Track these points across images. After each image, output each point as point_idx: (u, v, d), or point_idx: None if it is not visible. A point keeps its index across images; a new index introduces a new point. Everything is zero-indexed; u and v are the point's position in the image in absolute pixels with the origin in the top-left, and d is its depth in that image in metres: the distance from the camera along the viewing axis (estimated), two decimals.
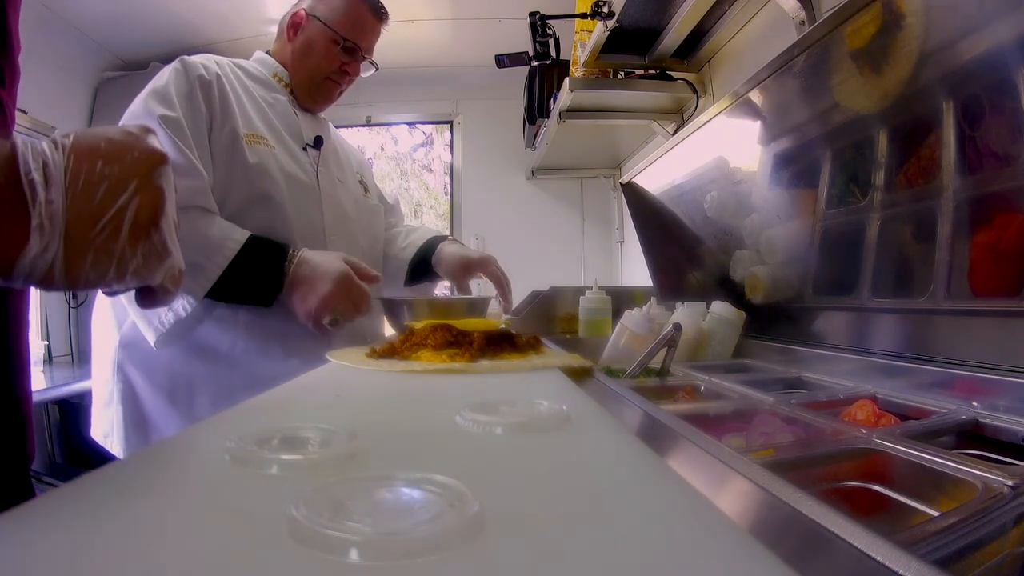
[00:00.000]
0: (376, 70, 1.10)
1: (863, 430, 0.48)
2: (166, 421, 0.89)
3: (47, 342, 2.32)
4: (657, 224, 1.44)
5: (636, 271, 2.17)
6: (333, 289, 0.83)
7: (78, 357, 2.46)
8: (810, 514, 0.25)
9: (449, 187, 2.92)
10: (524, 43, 1.61)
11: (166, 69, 0.91)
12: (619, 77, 1.55)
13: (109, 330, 0.92)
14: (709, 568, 0.18)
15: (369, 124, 2.88)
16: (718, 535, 0.21)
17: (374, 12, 1.05)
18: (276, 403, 0.48)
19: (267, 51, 1.08)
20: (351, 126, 2.87)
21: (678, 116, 1.64)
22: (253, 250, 0.85)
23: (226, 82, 0.94)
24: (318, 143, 1.04)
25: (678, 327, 0.78)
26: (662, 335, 0.78)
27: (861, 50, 0.67)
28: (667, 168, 1.29)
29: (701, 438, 0.38)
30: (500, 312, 1.11)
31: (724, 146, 1.07)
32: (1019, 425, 0.50)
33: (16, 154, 0.31)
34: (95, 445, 0.95)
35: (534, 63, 1.69)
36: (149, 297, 0.39)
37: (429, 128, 3.42)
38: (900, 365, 0.69)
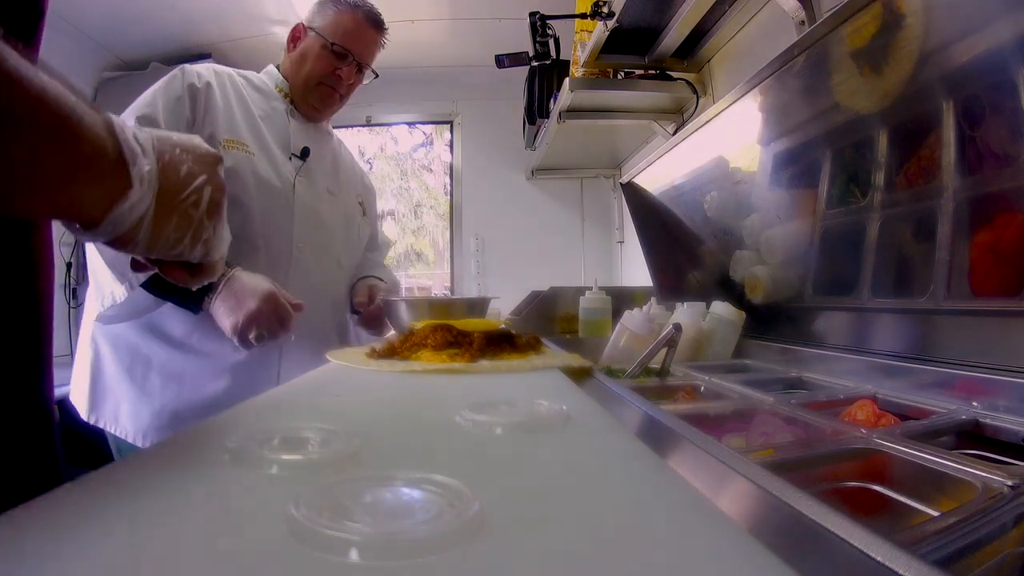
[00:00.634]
0: (376, 77, 1.15)
1: (863, 430, 0.48)
2: (122, 393, 0.96)
3: None
4: (657, 224, 1.44)
5: (636, 271, 2.17)
6: (259, 306, 0.87)
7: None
8: (810, 514, 0.25)
9: (449, 187, 2.92)
10: (524, 43, 1.61)
11: (167, 75, 0.98)
12: (619, 77, 1.55)
13: (92, 303, 0.98)
14: (709, 568, 0.18)
15: (369, 124, 2.88)
16: (718, 535, 0.21)
17: (368, 20, 1.09)
18: (276, 403, 0.48)
19: (276, 65, 1.14)
20: (351, 126, 2.86)
21: (678, 116, 1.64)
22: None
23: (217, 90, 1.00)
24: (304, 153, 1.08)
25: (678, 327, 0.78)
26: (662, 335, 0.78)
27: (861, 50, 0.67)
28: (667, 168, 1.29)
29: (701, 438, 0.38)
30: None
31: (724, 146, 1.07)
32: (1019, 425, 0.50)
33: (114, 122, 0.36)
34: (95, 444, 0.97)
35: (534, 63, 1.69)
36: (180, 276, 0.44)
37: (429, 128, 3.42)
38: (900, 365, 0.69)
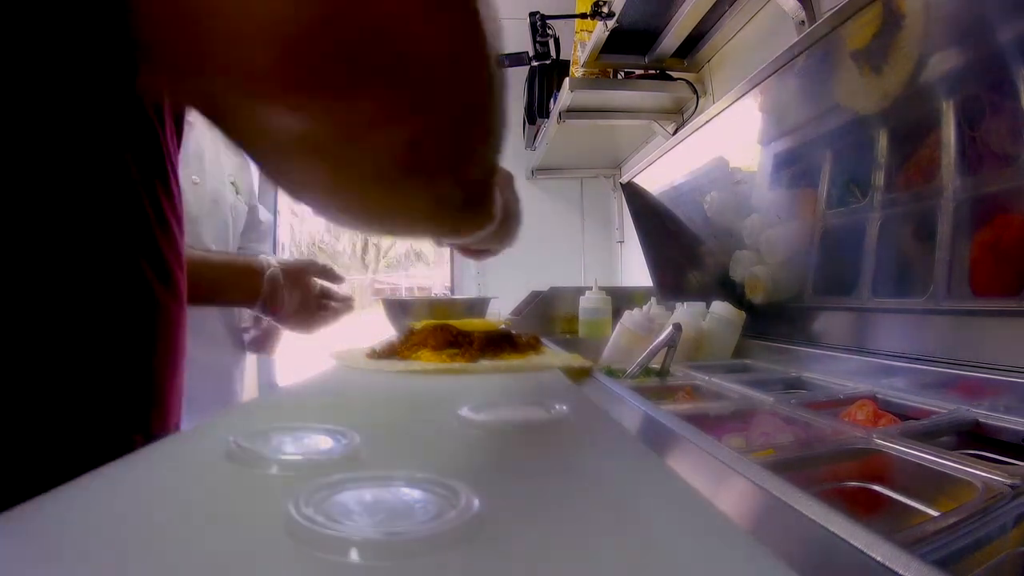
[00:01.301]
0: None
1: (863, 430, 0.48)
2: None
3: None
4: (657, 224, 1.44)
5: (636, 271, 2.17)
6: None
7: None
8: (810, 514, 0.25)
9: None
10: (524, 43, 1.61)
11: None
12: (619, 77, 1.55)
13: None
14: (709, 568, 0.18)
15: None
16: (718, 535, 0.21)
17: None
18: (276, 403, 0.48)
19: None
20: None
21: (678, 116, 1.64)
22: None
23: None
24: None
25: (678, 327, 0.78)
26: (662, 335, 0.78)
27: (861, 50, 0.67)
28: (667, 168, 1.29)
29: (701, 438, 0.38)
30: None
31: (724, 146, 1.07)
32: (1019, 425, 0.50)
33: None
34: None
35: (534, 63, 1.69)
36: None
37: None
38: (900, 365, 0.69)
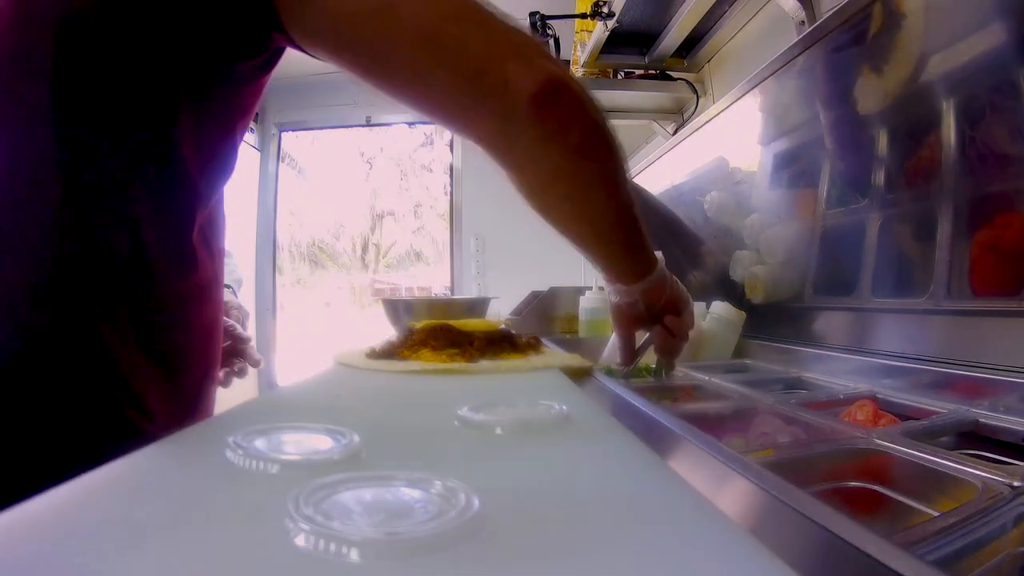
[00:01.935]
0: None
1: (863, 430, 0.48)
2: None
3: None
4: (657, 224, 1.44)
5: None
6: None
7: None
8: (810, 514, 0.25)
9: (449, 187, 2.92)
10: None
11: None
12: (619, 77, 1.55)
13: None
14: (709, 568, 0.18)
15: (369, 124, 2.88)
16: (718, 535, 0.21)
17: None
18: (276, 403, 0.48)
19: None
20: (351, 126, 2.86)
21: (678, 116, 1.64)
22: None
23: None
24: None
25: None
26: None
27: (861, 50, 0.67)
28: (667, 168, 1.29)
29: (701, 438, 0.38)
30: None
31: (724, 146, 1.07)
32: (1019, 425, 0.50)
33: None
34: None
35: None
36: None
37: (429, 128, 3.42)
38: (900, 365, 0.69)
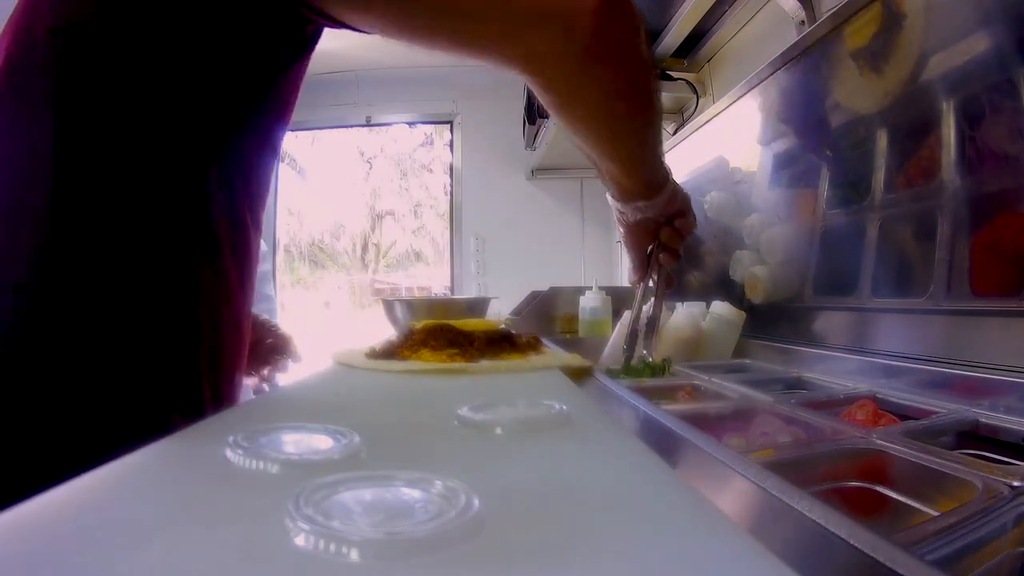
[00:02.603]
0: None
1: (863, 430, 0.48)
2: None
3: None
4: None
5: None
6: None
7: None
8: (810, 514, 0.25)
9: (449, 187, 2.92)
10: None
11: None
12: None
13: None
14: (709, 568, 0.18)
15: (369, 124, 2.88)
16: (718, 535, 0.21)
17: None
18: (276, 403, 0.48)
19: None
20: (351, 126, 2.86)
21: (678, 116, 1.64)
22: None
23: None
24: None
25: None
26: (628, 321, 0.81)
27: (861, 50, 0.67)
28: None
29: (701, 438, 0.38)
30: None
31: (724, 146, 1.07)
32: (1019, 425, 0.50)
33: None
34: None
35: None
36: None
37: (429, 128, 3.42)
38: (900, 365, 0.69)
